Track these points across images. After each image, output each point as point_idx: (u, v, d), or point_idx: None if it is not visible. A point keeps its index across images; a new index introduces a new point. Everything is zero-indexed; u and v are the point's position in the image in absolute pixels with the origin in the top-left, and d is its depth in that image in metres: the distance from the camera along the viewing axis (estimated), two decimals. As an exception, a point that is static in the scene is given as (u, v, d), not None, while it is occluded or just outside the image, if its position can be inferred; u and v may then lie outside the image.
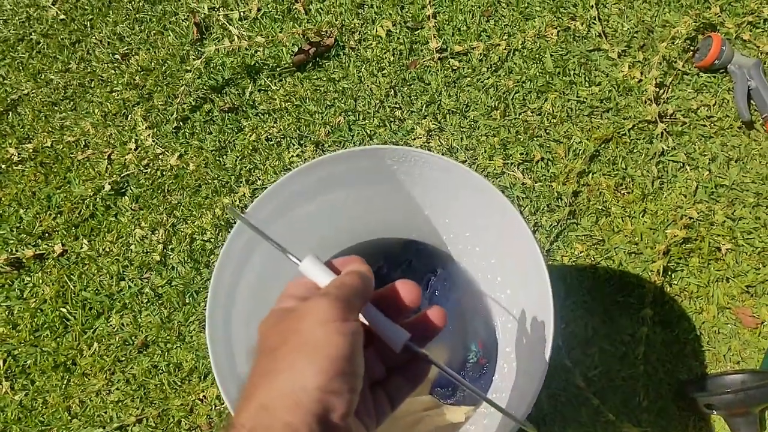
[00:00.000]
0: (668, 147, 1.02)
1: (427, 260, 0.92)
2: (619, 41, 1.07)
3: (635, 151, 1.03)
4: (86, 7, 1.17)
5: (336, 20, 1.11)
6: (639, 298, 0.97)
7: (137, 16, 1.16)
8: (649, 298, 0.96)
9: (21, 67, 1.15)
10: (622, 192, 1.02)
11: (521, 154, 1.03)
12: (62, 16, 1.17)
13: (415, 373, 0.40)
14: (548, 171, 1.03)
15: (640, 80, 1.05)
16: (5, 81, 1.14)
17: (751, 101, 1.03)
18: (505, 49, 1.08)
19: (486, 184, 0.61)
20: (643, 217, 1.01)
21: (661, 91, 1.04)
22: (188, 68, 1.10)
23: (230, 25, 1.12)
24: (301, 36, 1.09)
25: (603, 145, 1.03)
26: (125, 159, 1.07)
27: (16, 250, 1.04)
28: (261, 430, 0.30)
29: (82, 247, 1.04)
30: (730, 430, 0.90)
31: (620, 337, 0.96)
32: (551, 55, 1.08)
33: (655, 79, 1.03)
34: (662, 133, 1.02)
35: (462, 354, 0.88)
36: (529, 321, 0.68)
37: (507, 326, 0.78)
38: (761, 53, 1.05)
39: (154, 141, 1.07)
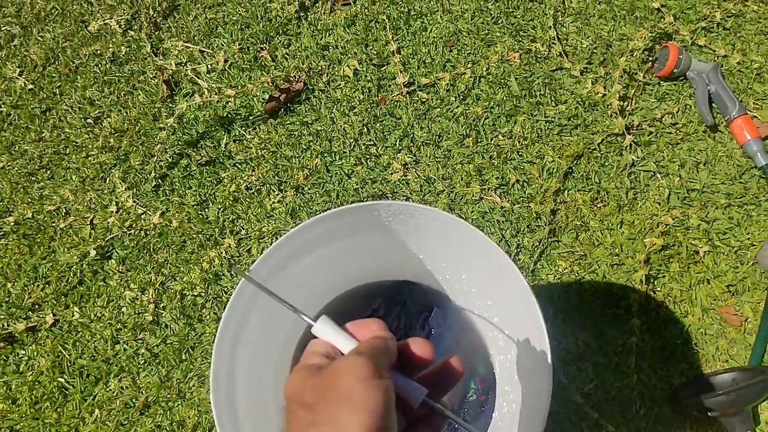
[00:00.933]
0: (638, 157, 1.05)
1: (422, 299, 0.93)
2: (579, 59, 1.10)
3: (607, 164, 1.06)
4: (53, 74, 1.18)
5: (303, 64, 1.13)
6: (626, 309, 1.00)
7: (105, 78, 1.16)
8: (635, 308, 0.99)
9: (-6, 141, 1.15)
10: (599, 206, 1.05)
11: (497, 178, 1.06)
12: (30, 86, 1.17)
13: (436, 423, 0.41)
14: (525, 192, 1.05)
15: (604, 95, 1.08)
16: (-21, 156, 1.14)
17: (713, 105, 1.06)
18: (470, 77, 1.10)
19: (475, 232, 0.63)
20: (621, 228, 1.03)
21: (625, 103, 1.07)
22: (162, 126, 1.11)
23: (199, 78, 1.13)
24: (271, 83, 1.11)
25: (575, 162, 1.06)
26: (108, 222, 1.07)
27: (8, 325, 1.04)
28: None
29: (73, 315, 1.04)
30: (726, 430, 0.93)
31: (612, 348, 0.98)
32: (516, 79, 1.10)
33: (618, 92, 1.06)
34: (630, 144, 1.05)
35: (461, 391, 0.89)
36: (526, 364, 0.69)
37: (505, 365, 0.79)
38: (717, 57, 1.09)
39: (134, 201, 1.08)
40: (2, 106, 1.17)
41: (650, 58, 1.09)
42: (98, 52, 1.18)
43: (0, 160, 1.13)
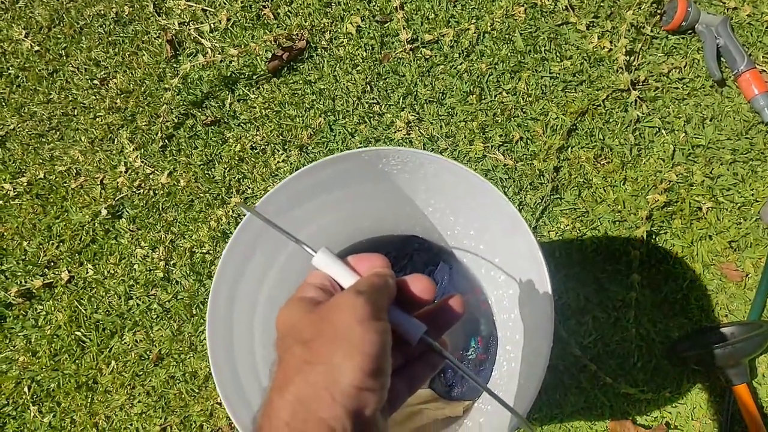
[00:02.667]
0: (643, 113, 1.04)
1: (428, 254, 0.94)
2: (586, 12, 1.08)
3: (611, 121, 1.05)
4: (59, 36, 1.18)
5: (305, 22, 1.12)
6: (626, 264, 1.01)
7: (110, 39, 1.17)
8: (636, 263, 1.00)
9: (3, 103, 1.17)
10: (602, 162, 1.04)
11: (500, 135, 1.06)
12: (37, 48, 1.18)
13: (433, 362, 0.41)
14: (528, 150, 1.05)
15: (611, 50, 1.06)
16: (-10, 118, 1.16)
17: (721, 59, 1.04)
18: (474, 32, 1.09)
19: (489, 187, 0.62)
20: (624, 185, 1.03)
21: (632, 58, 1.06)
22: (167, 86, 1.12)
23: (202, 38, 1.13)
24: (273, 42, 1.10)
25: (579, 119, 1.05)
26: (117, 182, 1.10)
27: (26, 282, 1.08)
28: (297, 423, 0.31)
29: (87, 272, 1.08)
30: (723, 381, 0.94)
31: (612, 303, 1.00)
32: (521, 34, 1.09)
33: (625, 47, 1.04)
34: (636, 100, 1.04)
35: (461, 349, 0.90)
36: (529, 323, 0.69)
37: (508, 324, 0.80)
38: (727, 9, 1.06)
39: (142, 162, 1.10)
40: (10, 68, 1.18)
41: (658, 11, 1.06)
42: (102, 12, 1.18)
43: (10, 122, 1.15)
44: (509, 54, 1.08)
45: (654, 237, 1.01)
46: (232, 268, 0.65)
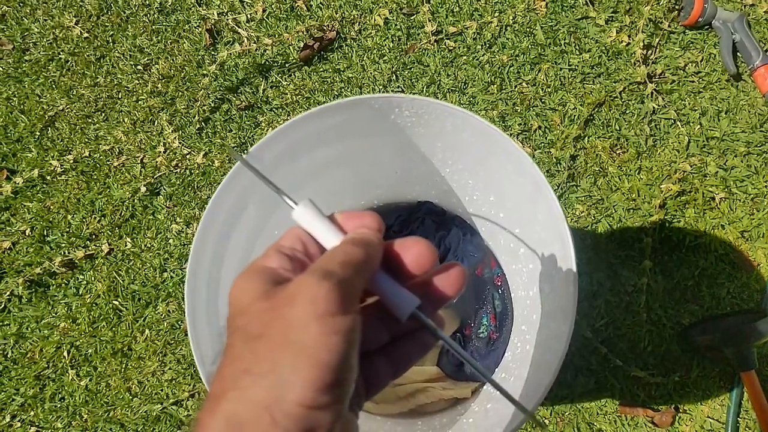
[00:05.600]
0: (659, 105, 1.08)
1: (440, 218, 0.89)
2: (605, 7, 1.12)
3: (627, 112, 1.09)
4: (107, 24, 1.27)
5: (336, 14, 1.18)
6: (639, 251, 1.04)
7: (153, 27, 1.25)
8: (649, 251, 1.03)
9: (54, 86, 1.25)
10: (618, 152, 1.08)
11: (519, 124, 1.10)
12: (86, 35, 1.26)
13: (425, 341, 0.34)
14: (546, 138, 1.10)
15: (628, 43, 1.10)
16: (41, 99, 1.24)
17: (737, 54, 1.07)
18: (497, 25, 1.14)
19: (513, 146, 0.56)
20: (638, 174, 1.07)
21: (649, 52, 1.09)
22: (205, 72, 1.19)
23: (239, 27, 1.20)
24: (305, 32, 1.17)
25: (596, 109, 1.09)
26: (156, 162, 1.17)
27: (69, 252, 1.16)
28: None
29: (126, 245, 1.15)
30: (732, 367, 0.97)
31: (624, 288, 1.03)
32: (541, 27, 1.13)
33: (643, 41, 1.08)
34: (652, 92, 1.07)
35: (472, 326, 0.89)
36: (549, 305, 0.63)
37: (526, 302, 0.75)
38: (745, 6, 1.09)
39: (180, 143, 1.17)
40: (61, 53, 1.27)
41: (676, 7, 1.10)
42: (146, 2, 1.26)
43: (60, 103, 1.24)
44: (530, 46, 1.13)
45: (667, 225, 1.04)
46: (219, 222, 0.59)
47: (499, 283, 0.89)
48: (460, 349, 0.32)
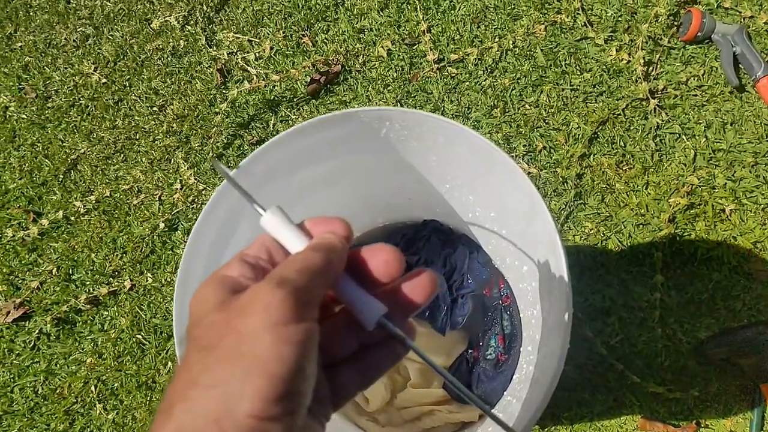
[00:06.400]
0: (663, 120, 1.08)
1: (447, 236, 0.90)
2: (604, 27, 1.14)
3: (632, 128, 1.10)
4: (123, 69, 1.32)
5: (341, 48, 1.22)
6: (650, 266, 1.04)
7: (167, 70, 1.30)
8: (660, 265, 1.03)
9: (75, 130, 1.31)
10: (624, 168, 1.09)
11: (524, 145, 1.12)
12: (104, 80, 1.32)
13: (394, 351, 0.33)
14: (551, 158, 1.11)
15: (629, 61, 1.11)
16: (64, 144, 1.30)
17: (739, 65, 1.07)
18: (497, 50, 1.16)
19: (504, 158, 0.55)
20: (646, 189, 1.07)
21: (650, 68, 1.10)
22: (217, 110, 1.23)
23: (248, 66, 1.25)
24: (312, 67, 1.21)
25: (600, 127, 1.10)
26: (174, 198, 1.21)
27: (93, 290, 1.20)
28: None
29: (147, 280, 1.19)
30: (751, 380, 0.96)
31: (637, 304, 1.03)
32: (541, 50, 1.15)
33: (643, 58, 1.09)
34: (655, 108, 1.08)
35: (480, 347, 0.89)
36: (549, 318, 0.62)
37: (531, 322, 0.75)
38: (744, 18, 1.09)
39: (196, 179, 1.21)
40: (81, 99, 1.33)
41: (675, 23, 1.11)
42: (160, 46, 1.32)
43: (81, 147, 1.29)
44: (531, 69, 1.15)
45: (678, 239, 1.04)
46: (209, 240, 0.59)
47: (508, 303, 0.89)
48: (431, 360, 0.32)
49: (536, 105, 1.13)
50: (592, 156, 1.10)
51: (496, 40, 1.17)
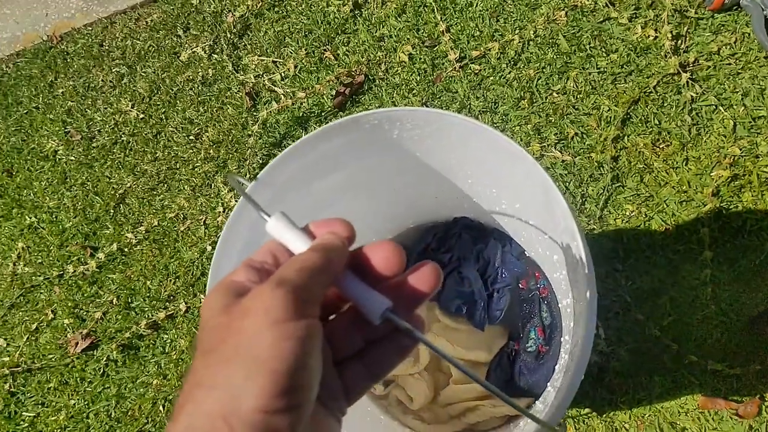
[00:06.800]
0: (697, 93, 1.06)
1: (478, 232, 0.90)
2: (627, 6, 1.12)
3: (665, 105, 1.07)
4: (158, 102, 1.38)
5: (362, 58, 1.24)
6: (698, 243, 1.01)
7: (199, 99, 1.35)
8: (708, 241, 1.00)
9: (120, 166, 1.37)
10: (661, 146, 1.07)
11: (555, 134, 1.11)
12: (141, 115, 1.38)
13: (401, 343, 0.33)
14: (585, 143, 1.10)
15: (656, 37, 1.09)
16: (111, 180, 1.37)
17: (772, 28, 1.04)
18: (519, 42, 1.16)
19: (514, 147, 0.54)
20: (686, 165, 1.05)
21: (679, 42, 1.08)
22: (249, 133, 1.27)
23: (275, 86, 1.28)
24: (336, 80, 1.23)
25: (632, 107, 1.09)
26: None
27: (152, 315, 1.26)
28: None
29: (200, 302, 1.24)
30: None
31: (687, 282, 1.01)
32: (564, 36, 1.14)
33: (670, 32, 1.07)
34: (688, 82, 1.06)
35: (520, 340, 0.88)
36: (578, 305, 0.59)
37: (567, 311, 0.75)
38: (773, -22, 1.06)
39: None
40: (122, 135, 1.39)
41: (699, -8, 1.08)
42: (191, 77, 1.37)
43: (127, 181, 1.35)
44: (555, 57, 1.14)
45: (724, 212, 1.01)
46: (236, 254, 0.60)
47: (546, 294, 0.89)
48: (441, 351, 0.32)
49: (564, 92, 1.12)
50: (626, 137, 1.08)
51: (517, 31, 1.16)
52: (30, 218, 1.39)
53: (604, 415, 0.99)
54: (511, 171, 0.61)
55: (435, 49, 1.20)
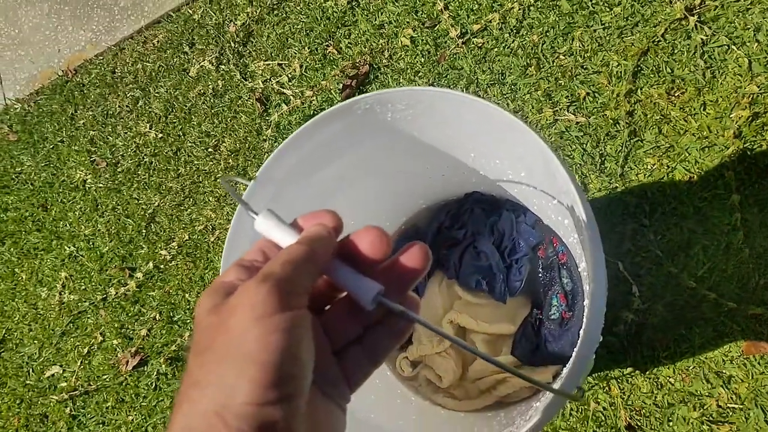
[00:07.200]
0: (707, 36, 1.03)
1: (489, 205, 0.89)
2: (623, -43, 1.10)
3: (676, 52, 1.05)
4: (174, 120, 1.42)
5: (365, 48, 1.24)
6: (725, 187, 0.99)
7: (213, 111, 1.38)
8: (735, 184, 0.98)
9: (146, 186, 1.41)
10: (676, 95, 1.05)
11: (566, 97, 1.10)
12: (160, 135, 1.42)
13: (396, 326, 0.34)
14: (597, 102, 1.08)
15: (657, -16, 1.06)
16: (139, 201, 1.41)
17: (778, -43, 1.01)
18: (519, 9, 1.14)
19: (504, 115, 0.54)
20: (704, 110, 1.03)
21: (681, -15, 1.05)
22: (264, 137, 1.29)
23: (283, 88, 1.30)
24: (341, 74, 1.24)
25: (642, 59, 1.07)
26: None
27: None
28: None
29: (239, 308, 1.27)
30: None
31: (718, 229, 0.99)
32: (563, -3, 1.13)
33: (671, -23, 1.05)
34: (696, 25, 1.03)
35: (543, 308, 0.87)
36: (590, 267, 0.57)
37: (584, 275, 0.75)
38: None
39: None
40: (145, 156, 1.43)
41: (697, -68, 1.05)
42: (202, 91, 1.40)
43: (155, 200, 1.39)
44: (557, 19, 1.12)
45: (749, 153, 0.99)
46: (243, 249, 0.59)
47: (565, 260, 0.87)
48: (436, 327, 0.32)
49: (570, 53, 1.11)
50: (639, 90, 1.06)
51: (515, -1, 1.15)
52: (69, 248, 1.44)
53: (647, 372, 0.98)
54: (510, 140, 0.60)
55: (436, 28, 1.20)
